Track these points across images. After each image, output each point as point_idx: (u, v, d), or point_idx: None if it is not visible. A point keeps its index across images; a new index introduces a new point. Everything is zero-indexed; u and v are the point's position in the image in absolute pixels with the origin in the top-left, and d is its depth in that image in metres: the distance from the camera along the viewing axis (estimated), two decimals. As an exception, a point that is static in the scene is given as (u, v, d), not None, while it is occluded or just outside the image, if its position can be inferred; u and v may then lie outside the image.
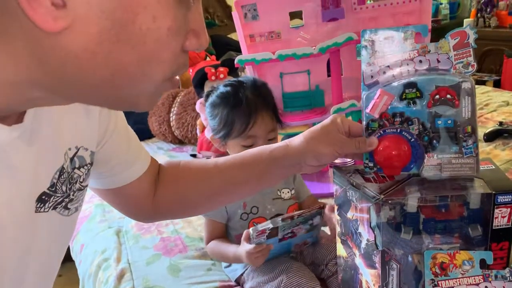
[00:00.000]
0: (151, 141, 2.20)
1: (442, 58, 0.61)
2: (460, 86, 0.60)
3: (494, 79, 3.13)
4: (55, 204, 0.51)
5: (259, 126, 0.99)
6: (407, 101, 0.62)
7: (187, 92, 2.09)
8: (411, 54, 0.62)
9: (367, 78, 0.64)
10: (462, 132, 0.61)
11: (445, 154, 0.62)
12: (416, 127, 0.62)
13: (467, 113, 0.61)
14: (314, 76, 1.45)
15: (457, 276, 0.65)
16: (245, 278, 1.05)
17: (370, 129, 0.64)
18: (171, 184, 0.70)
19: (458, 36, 0.61)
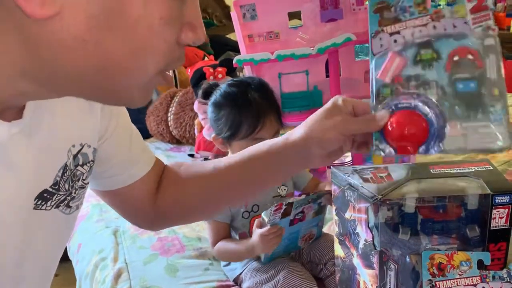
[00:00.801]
0: (149, 141, 2.19)
1: (458, 23, 0.54)
2: (482, 44, 0.53)
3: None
4: (58, 202, 0.51)
5: (267, 129, 0.98)
6: (423, 64, 0.55)
7: (185, 92, 2.08)
8: (423, 20, 0.56)
9: (376, 46, 0.57)
10: (488, 96, 0.53)
11: (470, 122, 0.53)
12: (434, 91, 0.54)
13: (492, 73, 0.53)
14: (313, 76, 1.45)
15: (454, 276, 0.65)
16: (243, 278, 1.05)
17: (381, 96, 0.56)
18: (171, 187, 0.67)
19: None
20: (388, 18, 0.56)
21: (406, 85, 0.55)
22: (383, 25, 0.56)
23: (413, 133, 0.53)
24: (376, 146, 0.56)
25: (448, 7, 0.56)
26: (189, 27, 0.41)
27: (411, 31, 0.56)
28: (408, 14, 0.56)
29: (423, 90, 0.55)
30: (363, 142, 0.59)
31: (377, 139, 0.56)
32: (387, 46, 0.56)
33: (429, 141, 0.54)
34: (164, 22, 0.37)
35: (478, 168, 0.70)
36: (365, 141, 0.58)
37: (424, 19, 0.56)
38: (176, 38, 0.40)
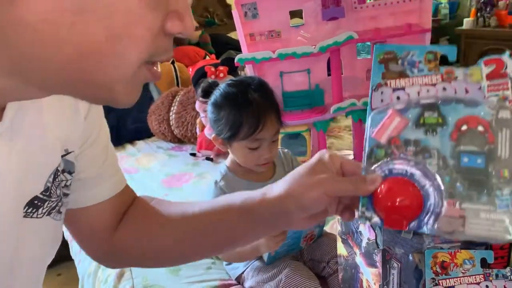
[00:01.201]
0: (151, 140, 2.19)
1: (471, 88, 0.48)
2: (496, 116, 0.47)
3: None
4: (50, 209, 0.48)
5: (267, 129, 0.97)
6: (426, 128, 0.48)
7: (187, 91, 2.08)
8: (433, 79, 0.49)
9: (376, 100, 0.51)
10: (496, 177, 0.45)
11: (471, 203, 0.46)
12: (435, 161, 0.47)
13: (504, 152, 0.46)
14: (314, 75, 1.45)
15: (458, 275, 0.65)
16: (245, 277, 1.05)
17: (374, 158, 0.49)
18: (136, 222, 0.61)
19: (493, 63, 0.48)
20: (393, 71, 0.50)
21: (403, 150, 0.48)
22: (387, 78, 0.50)
23: (406, 206, 0.47)
24: (362, 213, 0.49)
25: (462, 68, 0.49)
26: (175, 15, 0.37)
27: (417, 89, 0.49)
28: (417, 70, 0.50)
29: (422, 158, 0.48)
30: (348, 207, 0.52)
31: (364, 205, 0.49)
32: (388, 102, 0.50)
33: (422, 217, 0.47)
34: (145, 6, 0.34)
35: None
36: (351, 205, 0.51)
37: (433, 78, 0.49)
38: (160, 26, 0.36)
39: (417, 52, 0.50)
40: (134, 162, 1.95)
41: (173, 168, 1.82)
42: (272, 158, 1.02)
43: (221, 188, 1.02)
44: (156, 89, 2.39)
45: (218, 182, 1.03)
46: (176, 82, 2.35)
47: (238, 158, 1.04)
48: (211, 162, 1.84)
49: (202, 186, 1.58)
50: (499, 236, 0.45)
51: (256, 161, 1.01)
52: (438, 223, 0.47)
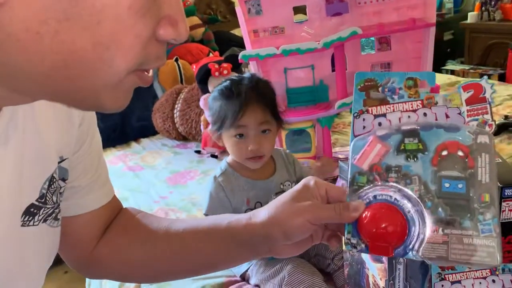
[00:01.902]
0: (155, 138, 2.20)
1: (452, 112, 0.49)
2: (475, 140, 0.47)
3: (499, 72, 3.11)
4: (46, 216, 0.47)
5: (249, 115, 0.99)
6: (407, 154, 0.49)
7: (191, 88, 2.08)
8: (414, 105, 0.50)
9: (358, 127, 0.51)
10: (477, 201, 0.46)
11: (454, 229, 0.46)
12: (417, 187, 0.48)
13: (484, 176, 0.47)
14: (318, 71, 1.44)
15: (464, 269, 0.65)
16: (250, 274, 1.05)
17: (356, 184, 0.50)
18: (115, 234, 0.60)
19: (471, 89, 0.49)
20: (374, 98, 0.51)
21: (385, 176, 0.49)
22: (368, 105, 0.51)
23: (391, 232, 0.46)
24: (348, 240, 0.49)
25: (442, 94, 0.50)
26: (168, 21, 0.35)
27: (398, 116, 0.50)
28: (397, 97, 0.51)
29: (404, 185, 0.48)
30: (335, 233, 0.52)
31: (349, 232, 0.49)
32: (370, 128, 0.51)
33: (407, 243, 0.47)
34: (134, 13, 0.32)
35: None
36: (338, 231, 0.51)
37: (414, 104, 0.50)
38: (151, 33, 0.35)
39: (397, 79, 0.51)
40: (139, 160, 1.96)
41: (178, 166, 1.82)
42: (261, 152, 1.01)
43: (220, 184, 1.03)
44: (160, 86, 2.39)
45: (217, 177, 1.04)
46: (180, 80, 2.35)
47: (229, 150, 1.06)
48: (216, 159, 1.84)
49: (207, 184, 1.58)
50: (485, 261, 0.45)
51: (244, 153, 1.01)
52: (423, 249, 0.47)
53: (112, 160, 1.99)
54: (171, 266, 0.59)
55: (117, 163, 1.95)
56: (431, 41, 1.32)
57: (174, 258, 0.57)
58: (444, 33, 3.51)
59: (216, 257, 0.56)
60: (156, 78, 2.39)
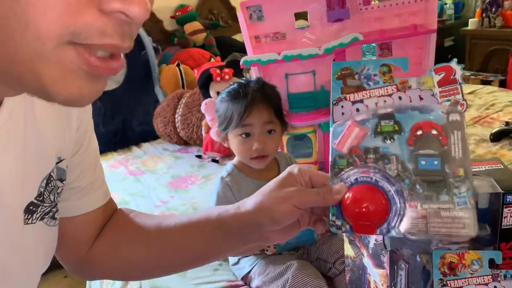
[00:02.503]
0: (157, 142, 2.20)
1: (425, 95, 0.51)
2: (448, 119, 0.49)
3: (500, 79, 3.11)
4: (43, 214, 0.47)
5: (254, 115, 1.01)
6: (383, 136, 0.50)
7: (192, 93, 2.09)
8: (389, 90, 0.52)
9: (337, 114, 0.53)
10: (452, 176, 0.48)
11: (432, 203, 0.48)
12: (394, 166, 0.50)
13: (457, 152, 0.49)
14: (319, 76, 1.45)
15: (466, 276, 0.65)
16: (252, 277, 1.05)
17: (336, 167, 0.51)
18: (109, 234, 0.61)
19: (442, 71, 0.52)
20: (351, 85, 0.53)
21: (364, 158, 0.51)
22: (345, 92, 0.53)
23: (373, 211, 0.49)
24: (333, 222, 0.51)
25: (415, 78, 0.52)
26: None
27: (374, 101, 0.52)
28: (373, 83, 0.53)
29: (382, 165, 0.50)
30: (320, 218, 0.54)
31: (334, 215, 0.51)
32: (349, 114, 0.53)
33: (389, 221, 0.49)
34: None
35: (488, 167, 0.70)
36: (323, 216, 0.53)
37: (389, 88, 0.52)
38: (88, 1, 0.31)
39: (372, 66, 0.53)
40: (140, 164, 1.96)
41: (179, 170, 1.82)
42: (265, 152, 1.03)
43: (227, 184, 1.04)
44: (161, 91, 2.39)
45: (224, 177, 1.06)
46: (182, 84, 2.36)
47: (234, 150, 1.07)
48: (217, 163, 1.84)
49: (208, 188, 1.58)
50: (461, 232, 0.48)
51: (249, 153, 1.02)
52: (403, 225, 0.49)
53: (114, 164, 1.99)
54: (165, 262, 0.59)
55: (118, 167, 1.95)
56: (432, 47, 1.32)
57: (167, 253, 0.58)
58: (445, 39, 3.52)
59: (208, 249, 0.57)
60: (157, 83, 2.40)
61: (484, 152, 1.56)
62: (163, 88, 2.39)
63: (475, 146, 1.62)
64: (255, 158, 1.03)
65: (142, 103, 2.30)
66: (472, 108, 2.05)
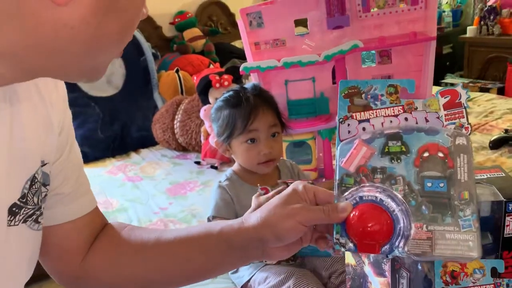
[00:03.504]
0: (155, 149, 2.19)
1: (431, 117, 0.52)
2: (454, 142, 0.50)
3: (498, 86, 3.12)
4: (26, 217, 0.46)
5: (260, 119, 1.01)
6: (390, 156, 0.51)
7: (191, 99, 2.09)
8: (395, 110, 0.53)
9: (343, 132, 0.54)
10: (457, 199, 0.49)
11: (437, 225, 0.49)
12: (401, 187, 0.50)
13: (463, 175, 0.50)
14: (319, 83, 1.45)
15: (468, 284, 0.64)
16: (252, 285, 1.04)
17: (344, 186, 0.52)
18: (108, 248, 0.60)
19: (448, 94, 0.53)
20: (358, 104, 0.54)
21: (371, 177, 0.51)
22: (352, 111, 0.54)
23: (377, 230, 0.49)
24: (337, 240, 0.51)
25: (421, 100, 0.52)
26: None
27: (381, 121, 0.53)
28: (380, 103, 0.53)
29: (389, 185, 0.51)
30: (322, 236, 0.54)
31: (338, 233, 0.51)
32: (355, 133, 0.53)
33: (393, 241, 0.49)
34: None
35: (490, 174, 0.69)
36: (326, 233, 0.53)
37: (395, 109, 0.53)
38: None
39: (379, 86, 0.53)
40: (138, 170, 1.95)
41: (177, 177, 1.81)
42: (273, 155, 1.03)
43: (225, 188, 1.04)
44: (160, 97, 2.39)
45: (221, 182, 1.05)
46: (181, 91, 2.35)
47: (239, 158, 1.06)
48: (216, 170, 1.84)
49: (206, 195, 1.57)
50: (465, 255, 0.49)
51: (257, 158, 1.02)
52: (408, 246, 0.50)
53: (112, 171, 1.98)
54: (163, 276, 0.58)
55: (117, 174, 1.94)
56: (432, 54, 1.33)
57: (166, 267, 0.57)
58: (443, 47, 3.53)
59: (209, 264, 0.57)
60: (156, 89, 2.39)
61: (483, 160, 1.56)
62: (162, 94, 2.39)
63: (475, 154, 1.62)
64: (262, 163, 1.03)
65: (141, 109, 2.30)
66: (471, 115, 2.05)
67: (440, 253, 0.50)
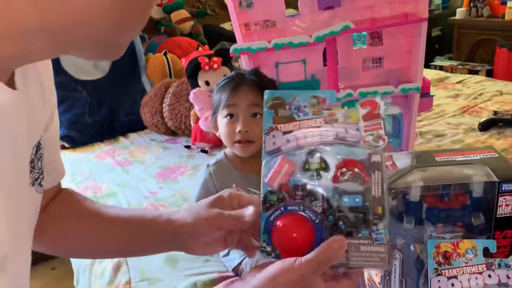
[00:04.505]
0: (144, 133, 2.17)
1: (350, 128, 0.54)
2: (369, 159, 0.52)
3: (487, 68, 3.14)
4: (34, 180, 0.49)
5: (241, 95, 1.01)
6: (311, 173, 0.53)
7: (180, 82, 2.06)
8: (317, 122, 0.54)
9: (269, 144, 0.55)
10: (372, 214, 0.52)
11: (353, 239, 0.52)
12: (320, 203, 0.52)
13: (377, 191, 0.52)
14: (310, 65, 1.43)
15: (460, 265, 0.64)
16: (243, 268, 1.04)
17: (268, 203, 0.54)
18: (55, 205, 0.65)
19: (368, 105, 0.53)
20: (282, 116, 0.55)
21: (293, 194, 0.53)
22: (277, 122, 0.55)
23: (300, 240, 0.52)
24: (263, 248, 0.54)
25: (342, 110, 0.54)
26: None
27: (303, 132, 0.54)
28: (302, 114, 0.55)
29: (309, 201, 0.53)
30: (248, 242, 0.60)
31: (264, 241, 0.54)
32: (279, 144, 0.55)
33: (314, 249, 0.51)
34: None
35: (483, 155, 0.69)
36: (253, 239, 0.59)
37: (317, 121, 0.54)
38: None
39: (302, 97, 0.55)
40: (127, 155, 1.93)
41: (167, 161, 1.80)
42: (250, 136, 1.03)
43: (210, 173, 1.03)
44: (148, 80, 2.36)
45: (209, 165, 1.05)
46: (169, 74, 2.32)
47: (221, 136, 1.06)
48: (206, 154, 1.82)
49: (197, 179, 1.56)
50: (377, 266, 0.52)
51: (233, 136, 1.02)
52: None
53: (100, 155, 1.96)
54: (96, 244, 0.65)
55: (106, 158, 1.92)
56: (423, 36, 1.32)
57: (101, 237, 0.64)
58: (432, 29, 3.53)
59: (136, 244, 0.64)
60: (144, 72, 2.36)
61: (472, 142, 1.57)
62: (150, 77, 2.35)
63: (464, 136, 1.63)
64: (238, 142, 1.02)
65: (129, 93, 2.27)
66: (460, 97, 2.06)
67: (355, 264, 0.52)
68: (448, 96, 2.08)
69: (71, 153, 1.97)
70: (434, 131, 1.70)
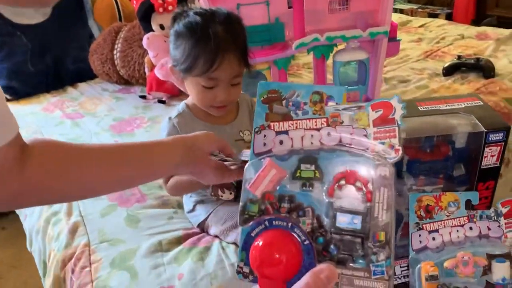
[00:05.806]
0: (94, 82, 2.02)
1: (357, 133, 0.44)
2: (376, 173, 0.43)
3: (446, 12, 3.13)
4: None
5: (224, 69, 0.89)
6: (302, 182, 0.44)
7: (132, 26, 1.90)
8: (317, 123, 0.46)
9: (258, 144, 0.46)
10: (372, 240, 0.42)
11: (345, 268, 0.42)
12: (309, 220, 0.43)
13: (381, 212, 0.42)
14: (274, 7, 1.34)
15: (442, 218, 0.62)
16: (209, 224, 1.00)
17: (247, 213, 0.44)
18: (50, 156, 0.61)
19: (380, 108, 0.44)
20: (277, 112, 0.46)
21: (277, 206, 0.44)
22: (270, 120, 0.46)
23: (281, 262, 0.41)
24: (240, 269, 0.44)
25: (349, 112, 0.45)
26: None
27: (301, 134, 0.45)
28: (301, 113, 0.46)
29: (296, 216, 0.43)
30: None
31: (242, 260, 0.44)
32: (271, 146, 0.46)
33: (300, 277, 0.40)
34: None
35: (468, 103, 0.66)
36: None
37: (318, 121, 0.45)
38: None
39: (303, 92, 0.46)
40: (77, 106, 1.80)
41: (122, 112, 1.68)
42: (228, 102, 0.94)
43: (174, 125, 0.95)
44: (96, 24, 2.17)
45: (172, 118, 0.96)
46: (119, 17, 2.14)
47: (192, 95, 0.97)
48: (164, 104, 1.72)
49: (155, 132, 1.47)
50: None
51: (210, 102, 0.93)
52: None
53: (47, 107, 1.81)
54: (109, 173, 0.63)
55: (53, 111, 1.77)
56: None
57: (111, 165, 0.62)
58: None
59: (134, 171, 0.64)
60: (91, 15, 2.16)
61: (437, 87, 1.56)
62: (97, 21, 2.16)
63: (428, 81, 1.62)
64: (216, 106, 0.94)
65: (75, 39, 2.08)
66: (423, 42, 2.03)
67: None
68: (411, 41, 2.05)
69: (15, 105, 1.81)
70: (398, 77, 1.68)
